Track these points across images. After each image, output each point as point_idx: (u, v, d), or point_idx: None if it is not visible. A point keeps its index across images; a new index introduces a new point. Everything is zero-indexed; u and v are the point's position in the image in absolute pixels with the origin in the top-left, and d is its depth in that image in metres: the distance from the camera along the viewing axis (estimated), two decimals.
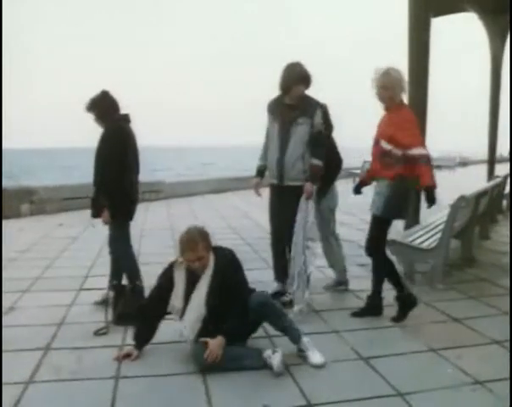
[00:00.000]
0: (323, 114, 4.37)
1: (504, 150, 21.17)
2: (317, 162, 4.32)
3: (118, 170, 4.10)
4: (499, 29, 10.19)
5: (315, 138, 4.31)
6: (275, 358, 3.05)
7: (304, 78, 4.28)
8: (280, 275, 4.56)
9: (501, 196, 9.48)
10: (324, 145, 4.38)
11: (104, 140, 4.20)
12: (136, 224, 4.40)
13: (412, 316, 4.00)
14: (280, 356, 3.06)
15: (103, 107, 4.17)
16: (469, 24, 10.40)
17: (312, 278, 4.80)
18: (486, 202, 6.89)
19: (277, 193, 4.47)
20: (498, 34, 10.31)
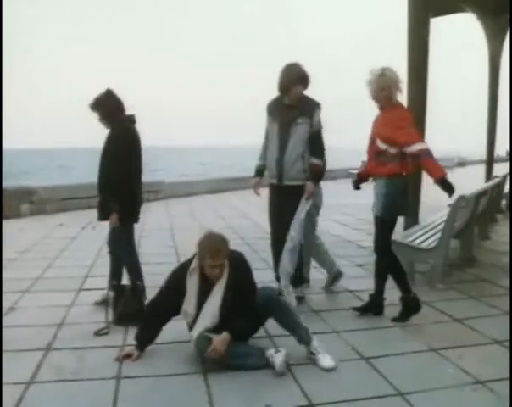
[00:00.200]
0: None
1: (501, 150, 21.14)
2: (317, 161, 4.35)
3: (125, 172, 4.07)
4: (498, 29, 10.20)
5: (315, 137, 4.33)
6: (278, 357, 3.05)
7: (302, 78, 4.30)
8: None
9: (500, 196, 9.50)
10: (323, 144, 4.40)
11: (111, 141, 4.16)
12: (136, 224, 4.40)
13: (412, 316, 4.00)
14: (282, 356, 3.05)
15: (108, 107, 4.12)
16: (468, 24, 10.40)
17: (311, 278, 4.80)
18: (485, 202, 6.90)
19: (277, 193, 4.48)
20: (497, 34, 10.31)
